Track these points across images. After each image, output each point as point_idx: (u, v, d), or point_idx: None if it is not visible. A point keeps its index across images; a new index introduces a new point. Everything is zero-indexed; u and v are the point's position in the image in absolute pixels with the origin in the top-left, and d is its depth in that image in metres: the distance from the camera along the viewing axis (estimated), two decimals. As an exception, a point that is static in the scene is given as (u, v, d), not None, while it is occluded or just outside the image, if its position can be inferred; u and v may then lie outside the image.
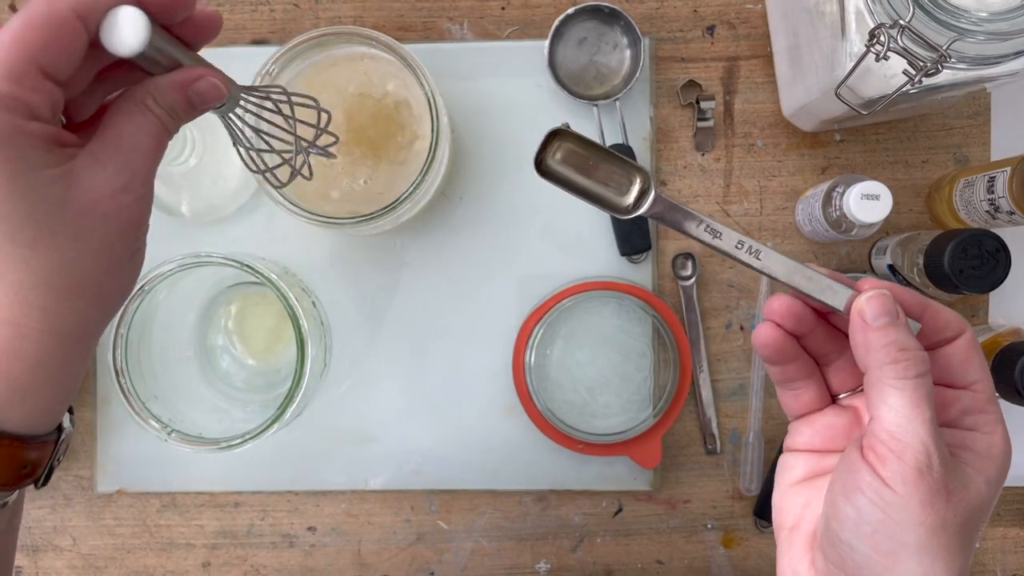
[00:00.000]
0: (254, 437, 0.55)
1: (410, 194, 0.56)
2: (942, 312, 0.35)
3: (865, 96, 0.52)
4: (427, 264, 0.67)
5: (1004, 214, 0.57)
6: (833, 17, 0.51)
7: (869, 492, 0.32)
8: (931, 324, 0.35)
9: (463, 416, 0.67)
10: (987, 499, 0.33)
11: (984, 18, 0.46)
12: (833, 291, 0.34)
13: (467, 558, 0.67)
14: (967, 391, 0.34)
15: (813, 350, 0.37)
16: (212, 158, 0.65)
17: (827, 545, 0.34)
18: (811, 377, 0.38)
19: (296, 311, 0.56)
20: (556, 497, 0.67)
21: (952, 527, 0.31)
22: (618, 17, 0.64)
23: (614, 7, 0.64)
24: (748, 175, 0.66)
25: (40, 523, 0.68)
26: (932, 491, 0.31)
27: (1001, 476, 0.34)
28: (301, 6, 0.67)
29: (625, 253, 0.65)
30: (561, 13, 0.64)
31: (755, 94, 0.66)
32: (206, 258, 0.55)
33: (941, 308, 0.35)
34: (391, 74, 0.60)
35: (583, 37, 0.65)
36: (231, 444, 0.55)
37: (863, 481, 0.32)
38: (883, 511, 0.31)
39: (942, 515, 0.31)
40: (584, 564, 0.67)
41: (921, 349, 0.32)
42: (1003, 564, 0.67)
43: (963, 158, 0.66)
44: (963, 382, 0.34)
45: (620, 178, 0.36)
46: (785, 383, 0.38)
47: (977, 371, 0.34)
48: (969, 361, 0.34)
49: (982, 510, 0.32)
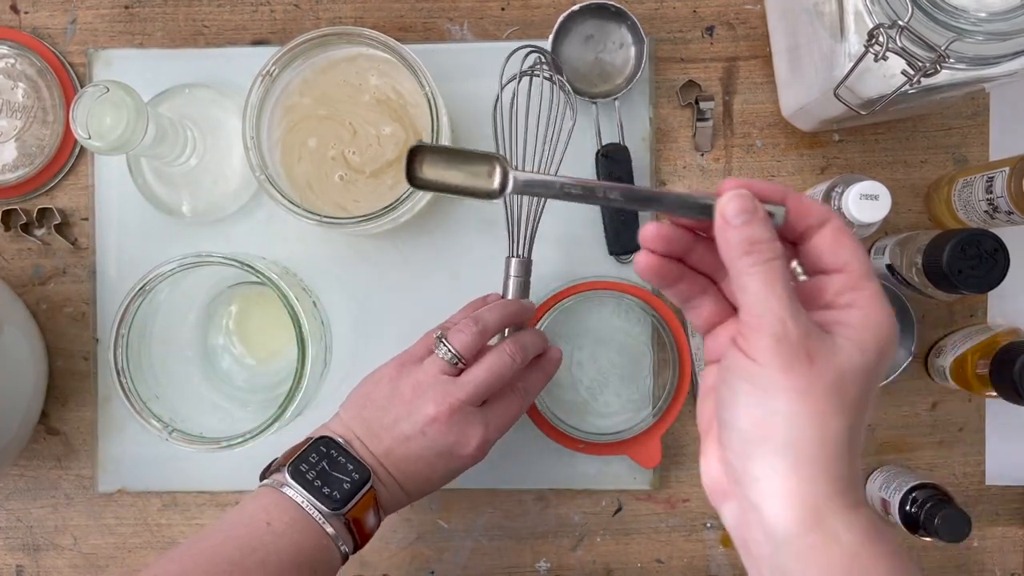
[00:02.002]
0: (255, 436, 0.55)
1: (410, 194, 0.56)
2: (804, 200, 0.36)
3: (864, 96, 0.52)
4: (427, 264, 0.67)
5: (1003, 214, 0.57)
6: (832, 17, 0.52)
7: (737, 370, 0.34)
8: (796, 208, 0.36)
9: (463, 416, 0.67)
10: (860, 365, 0.34)
11: (983, 18, 0.46)
12: (697, 202, 0.36)
13: (467, 557, 0.67)
14: (841, 273, 0.36)
15: (703, 267, 0.39)
16: (213, 158, 0.65)
17: (721, 434, 0.36)
18: (706, 293, 0.39)
19: (297, 310, 0.56)
20: (556, 496, 0.67)
21: (819, 390, 0.33)
22: (624, 16, 0.64)
23: (620, 6, 0.64)
24: (747, 175, 0.66)
25: (41, 522, 0.68)
26: (791, 357, 0.33)
27: (880, 344, 0.34)
28: (301, 6, 0.67)
29: (614, 252, 0.65)
30: (561, 12, 0.64)
31: (754, 94, 0.67)
32: (207, 258, 0.55)
33: (803, 196, 0.37)
34: (391, 74, 0.61)
35: (589, 34, 0.65)
36: (232, 443, 0.55)
37: (733, 363, 0.34)
38: (751, 383, 0.34)
39: (806, 379, 0.33)
40: (584, 563, 0.67)
41: (774, 239, 0.34)
42: (1003, 564, 0.67)
43: (962, 158, 0.66)
44: (836, 266, 0.36)
45: (482, 169, 0.39)
46: (683, 302, 0.40)
47: (847, 253, 0.35)
48: (838, 244, 0.35)
49: (856, 375, 0.33)
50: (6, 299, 0.63)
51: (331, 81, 0.60)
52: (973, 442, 0.67)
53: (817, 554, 0.33)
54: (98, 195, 0.67)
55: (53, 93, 0.66)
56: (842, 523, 0.33)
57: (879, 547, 0.33)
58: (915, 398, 0.67)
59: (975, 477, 0.67)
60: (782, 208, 0.36)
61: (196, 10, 0.68)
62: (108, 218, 0.67)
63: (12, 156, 0.66)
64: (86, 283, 0.68)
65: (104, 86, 0.55)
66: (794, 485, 0.33)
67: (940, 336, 0.66)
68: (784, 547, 0.33)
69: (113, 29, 0.68)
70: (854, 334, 0.34)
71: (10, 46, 0.66)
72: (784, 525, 0.33)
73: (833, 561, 0.33)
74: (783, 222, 0.36)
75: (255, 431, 0.55)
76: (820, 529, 0.33)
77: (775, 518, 0.33)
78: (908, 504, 0.61)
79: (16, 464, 0.68)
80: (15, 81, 0.67)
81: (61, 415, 0.68)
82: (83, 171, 0.68)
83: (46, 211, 0.67)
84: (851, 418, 0.33)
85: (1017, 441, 0.66)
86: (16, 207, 0.67)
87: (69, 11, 0.68)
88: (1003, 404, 0.64)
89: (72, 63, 0.67)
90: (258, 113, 0.58)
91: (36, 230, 0.67)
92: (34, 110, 0.67)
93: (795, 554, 0.33)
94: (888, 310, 0.35)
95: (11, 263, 0.68)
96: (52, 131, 0.66)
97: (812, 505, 0.33)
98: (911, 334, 0.62)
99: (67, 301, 0.68)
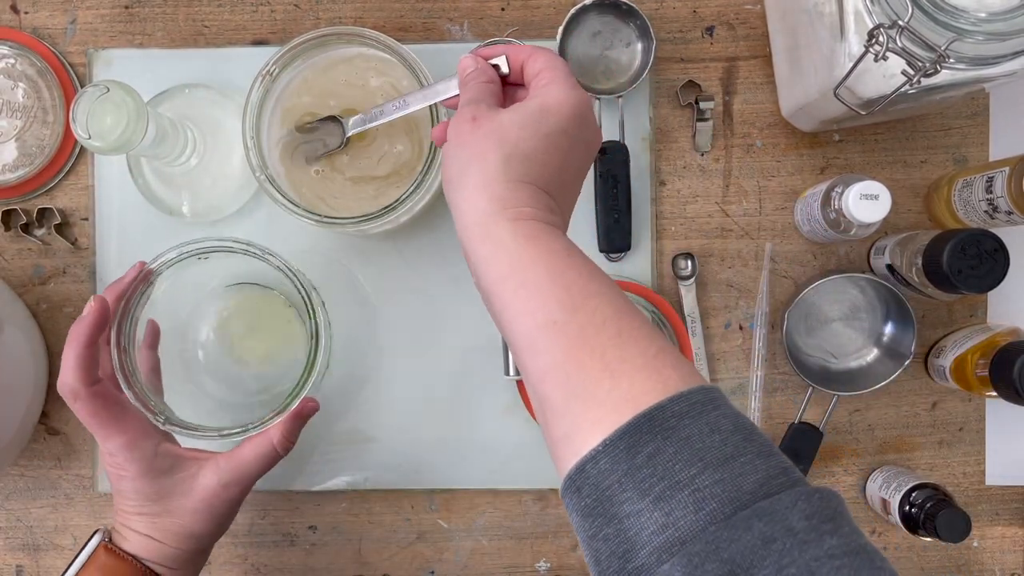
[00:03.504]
0: (256, 427, 0.55)
1: (410, 194, 0.56)
2: (519, 47, 0.48)
3: (864, 96, 0.52)
4: (427, 264, 0.67)
5: (1002, 214, 0.57)
6: (832, 18, 0.52)
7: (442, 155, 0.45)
8: (512, 52, 0.48)
9: (463, 416, 0.67)
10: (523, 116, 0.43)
11: (983, 18, 0.46)
12: (452, 84, 0.50)
13: (467, 557, 0.67)
14: (536, 77, 0.46)
15: None
16: (213, 158, 0.65)
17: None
18: None
19: (312, 302, 0.56)
20: (556, 496, 0.67)
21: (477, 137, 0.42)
22: (634, 15, 0.64)
23: (631, 4, 0.64)
24: (747, 175, 0.66)
25: (41, 522, 0.68)
26: (457, 125, 0.44)
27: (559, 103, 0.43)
28: (301, 7, 0.67)
29: (603, 250, 0.65)
30: (563, 12, 0.64)
31: (754, 94, 0.67)
32: (223, 244, 0.55)
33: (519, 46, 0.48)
34: (391, 74, 0.61)
35: (597, 31, 0.66)
36: (232, 432, 0.55)
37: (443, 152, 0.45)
38: (444, 160, 0.44)
39: (469, 135, 0.43)
40: (584, 563, 0.67)
41: (484, 74, 0.47)
42: (1002, 563, 0.67)
43: (962, 158, 0.66)
44: (534, 73, 0.46)
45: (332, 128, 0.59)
46: None
47: (543, 59, 0.46)
48: (536, 56, 0.46)
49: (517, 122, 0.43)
50: (6, 299, 0.63)
51: (331, 81, 0.60)
52: (973, 442, 0.67)
53: (490, 262, 0.40)
54: (98, 195, 0.67)
55: (53, 93, 0.66)
56: (506, 231, 0.40)
57: (540, 243, 0.40)
58: (915, 398, 0.67)
59: (975, 477, 0.67)
60: (503, 56, 0.48)
61: (196, 10, 0.68)
62: (108, 218, 0.67)
63: (12, 156, 0.66)
64: (86, 283, 0.68)
65: (104, 86, 0.55)
66: (466, 206, 0.42)
67: (940, 336, 0.66)
68: (474, 266, 0.41)
69: (113, 29, 0.68)
70: (532, 98, 0.44)
71: (10, 46, 0.66)
72: (466, 241, 0.41)
73: (502, 263, 0.40)
74: (508, 68, 0.48)
75: (256, 422, 0.55)
76: (489, 239, 0.40)
77: (461, 236, 0.42)
78: (908, 504, 0.61)
79: (16, 464, 0.68)
80: (15, 81, 0.67)
81: (61, 415, 0.68)
82: (83, 171, 0.68)
83: (46, 211, 0.67)
84: (508, 150, 0.42)
85: (1017, 441, 0.66)
86: (16, 207, 0.67)
87: (69, 11, 0.68)
88: (1003, 404, 0.64)
89: (72, 63, 0.67)
90: (258, 113, 0.58)
91: (36, 230, 0.67)
92: (34, 110, 0.67)
93: (480, 270, 0.41)
94: (566, 85, 0.44)
95: (11, 263, 0.68)
96: (52, 131, 0.66)
97: (480, 220, 0.41)
98: (911, 334, 0.62)
99: (67, 301, 0.68)
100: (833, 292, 0.66)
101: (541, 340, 0.37)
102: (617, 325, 0.37)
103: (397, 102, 0.53)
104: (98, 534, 0.54)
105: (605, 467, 0.33)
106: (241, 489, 0.55)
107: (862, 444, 0.67)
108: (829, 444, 0.66)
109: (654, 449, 0.33)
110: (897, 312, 0.64)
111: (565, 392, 0.36)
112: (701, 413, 0.34)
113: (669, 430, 0.33)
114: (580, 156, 0.45)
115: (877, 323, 0.66)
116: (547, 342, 0.37)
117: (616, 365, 0.36)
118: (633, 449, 0.33)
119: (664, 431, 0.33)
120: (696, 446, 0.33)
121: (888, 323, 0.66)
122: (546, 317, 0.37)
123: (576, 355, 0.36)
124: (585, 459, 0.34)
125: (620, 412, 0.34)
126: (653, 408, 0.34)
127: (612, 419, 0.34)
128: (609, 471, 0.33)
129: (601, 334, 0.37)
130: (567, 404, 0.36)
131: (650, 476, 0.32)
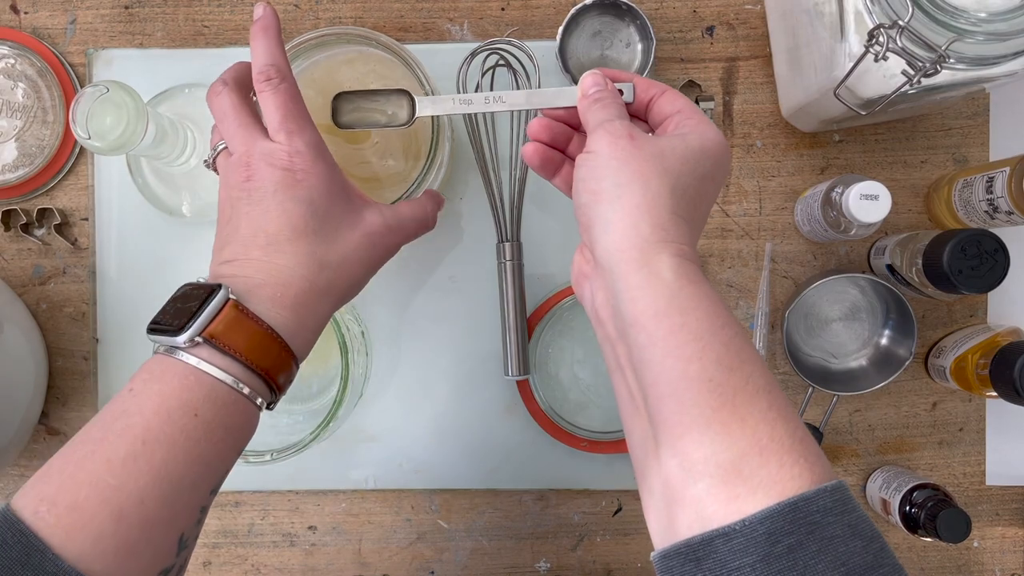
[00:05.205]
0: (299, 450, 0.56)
1: (410, 194, 0.56)
2: (648, 79, 0.46)
3: (864, 96, 0.52)
4: (427, 264, 0.67)
5: (1003, 214, 0.57)
6: (832, 18, 0.52)
7: (580, 168, 0.42)
8: (641, 84, 0.46)
9: (463, 416, 0.67)
10: (682, 147, 0.41)
11: (983, 19, 0.46)
12: (565, 93, 0.47)
13: (467, 557, 0.67)
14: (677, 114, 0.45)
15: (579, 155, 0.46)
16: (213, 158, 0.65)
17: (577, 215, 0.43)
18: None
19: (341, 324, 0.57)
20: (556, 496, 0.67)
21: (640, 158, 0.40)
22: (634, 15, 0.64)
23: (631, 4, 0.64)
24: (747, 175, 0.66)
25: (41, 522, 0.68)
26: (615, 137, 0.41)
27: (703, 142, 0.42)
28: (301, 7, 0.67)
29: None
30: (563, 12, 0.64)
31: (754, 94, 0.67)
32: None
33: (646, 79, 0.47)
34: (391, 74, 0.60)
35: (597, 30, 0.66)
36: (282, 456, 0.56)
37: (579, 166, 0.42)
38: (588, 167, 0.42)
39: (628, 151, 0.41)
40: (584, 563, 0.67)
41: (616, 94, 0.45)
42: (1002, 563, 0.67)
43: (962, 158, 0.66)
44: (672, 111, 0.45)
45: (396, 102, 0.50)
46: (566, 189, 0.47)
47: (681, 102, 0.45)
48: (674, 99, 0.45)
49: (676, 152, 0.41)
50: (6, 299, 0.63)
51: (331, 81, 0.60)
52: (973, 442, 0.67)
53: (643, 292, 0.38)
54: (98, 195, 0.67)
55: (53, 93, 0.66)
56: (666, 265, 0.38)
57: (700, 288, 0.38)
58: (915, 398, 0.67)
59: (975, 477, 0.67)
60: (630, 83, 0.46)
61: (196, 10, 0.68)
62: (108, 218, 0.67)
63: (12, 156, 0.66)
64: (86, 283, 0.68)
65: (104, 86, 0.55)
66: (622, 225, 0.39)
67: (940, 336, 0.66)
68: (620, 291, 0.38)
69: (113, 29, 0.68)
70: (681, 133, 0.43)
71: (10, 46, 0.66)
72: (614, 264, 0.39)
73: (659, 298, 0.37)
74: (633, 97, 0.46)
75: (300, 444, 0.56)
76: (646, 267, 0.38)
77: (608, 254, 0.39)
78: (908, 504, 0.61)
79: (16, 464, 0.68)
80: (15, 81, 0.67)
81: (61, 415, 0.68)
82: (83, 171, 0.68)
83: (46, 211, 0.67)
84: (671, 181, 0.40)
85: (1017, 441, 0.66)
86: (16, 207, 0.67)
87: (69, 11, 0.68)
88: (1003, 404, 0.64)
89: (72, 63, 0.67)
90: (258, 113, 0.58)
91: (36, 230, 0.67)
92: (34, 110, 0.67)
93: (628, 296, 0.38)
94: (716, 128, 0.43)
95: (11, 263, 0.68)
96: (52, 131, 0.66)
97: (638, 245, 0.38)
98: (911, 334, 0.62)
99: (67, 301, 0.68)
100: (833, 292, 0.66)
101: (689, 393, 0.35)
102: (768, 398, 0.35)
103: (489, 96, 0.49)
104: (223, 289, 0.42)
105: (738, 547, 0.32)
106: (397, 240, 0.50)
107: (862, 444, 0.67)
108: (829, 444, 0.66)
109: (796, 542, 0.31)
110: (897, 312, 0.64)
111: (705, 454, 0.34)
112: (843, 512, 0.33)
113: (812, 525, 0.32)
114: (712, 201, 0.44)
115: (877, 323, 0.66)
116: (695, 396, 0.35)
117: (766, 442, 0.34)
118: (773, 537, 0.31)
119: (808, 525, 0.32)
120: (840, 549, 0.31)
121: (888, 323, 0.66)
122: (700, 370, 0.35)
123: (724, 419, 0.34)
124: (716, 533, 0.33)
125: (765, 494, 0.33)
126: (798, 498, 0.32)
127: (755, 499, 0.33)
128: (742, 552, 0.32)
129: (753, 405, 0.35)
130: (705, 467, 0.34)
131: (788, 569, 0.31)
